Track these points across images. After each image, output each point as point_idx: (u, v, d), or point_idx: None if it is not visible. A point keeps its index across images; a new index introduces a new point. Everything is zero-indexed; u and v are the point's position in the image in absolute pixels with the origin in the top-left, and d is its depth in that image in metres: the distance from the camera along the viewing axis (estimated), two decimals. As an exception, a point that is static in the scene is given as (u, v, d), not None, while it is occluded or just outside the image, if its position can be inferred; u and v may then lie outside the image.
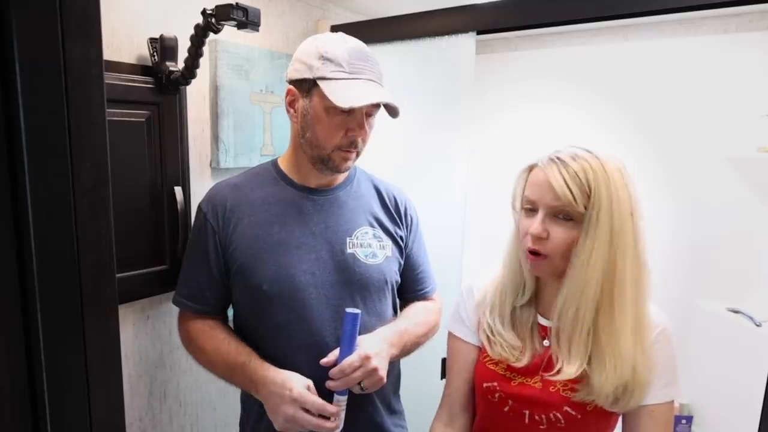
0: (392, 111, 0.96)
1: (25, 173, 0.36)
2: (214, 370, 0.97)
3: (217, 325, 1.00)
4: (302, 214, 0.98)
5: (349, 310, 0.87)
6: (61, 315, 0.39)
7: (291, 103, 0.98)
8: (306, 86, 0.94)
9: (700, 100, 1.95)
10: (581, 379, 0.78)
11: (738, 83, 1.88)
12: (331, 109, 0.91)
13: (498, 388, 0.86)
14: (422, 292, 1.13)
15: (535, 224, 0.78)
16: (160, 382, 1.30)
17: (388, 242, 1.03)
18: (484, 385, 0.88)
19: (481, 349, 0.91)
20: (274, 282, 0.93)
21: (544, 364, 0.83)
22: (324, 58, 0.91)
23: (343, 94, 0.88)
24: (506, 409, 0.86)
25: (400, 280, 1.08)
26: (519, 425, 0.85)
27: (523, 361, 0.83)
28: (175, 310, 1.34)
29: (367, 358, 0.86)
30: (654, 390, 0.78)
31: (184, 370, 1.36)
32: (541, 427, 0.82)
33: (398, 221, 1.07)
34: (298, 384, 0.86)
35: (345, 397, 0.88)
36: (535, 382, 0.83)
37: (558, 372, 0.79)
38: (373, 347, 0.89)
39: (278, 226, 0.96)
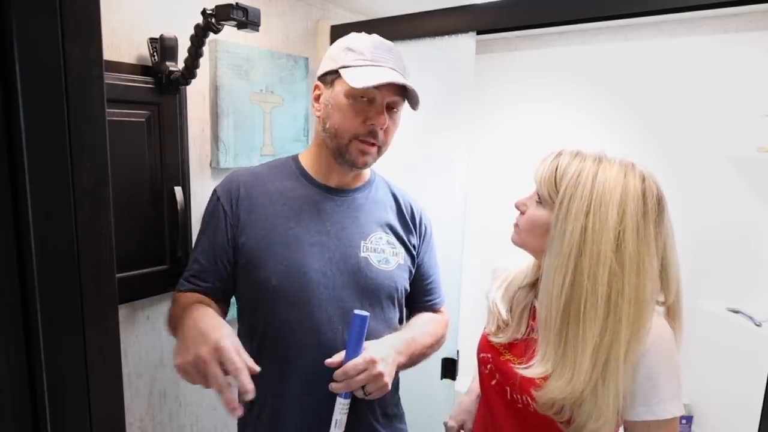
0: (413, 101, 0.95)
1: (25, 173, 0.36)
2: (175, 325, 0.88)
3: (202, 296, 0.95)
4: (320, 212, 0.97)
5: (357, 311, 0.85)
6: (61, 315, 0.39)
7: (316, 98, 0.99)
8: (330, 78, 0.95)
9: (700, 100, 1.95)
10: (544, 379, 0.79)
11: (738, 83, 1.88)
12: (351, 96, 0.91)
13: (490, 359, 0.90)
14: (431, 303, 1.12)
15: (521, 197, 0.87)
16: (160, 382, 1.30)
17: (401, 250, 1.02)
18: (481, 355, 0.93)
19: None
20: (284, 277, 0.91)
21: (531, 349, 0.85)
22: (348, 49, 0.93)
23: (360, 76, 0.89)
24: (493, 382, 0.89)
25: (409, 289, 1.07)
26: (502, 400, 0.87)
27: (501, 339, 0.89)
28: (175, 310, 1.33)
29: (372, 362, 0.84)
30: (642, 406, 0.75)
31: (184, 370, 1.36)
32: (518, 405, 0.84)
33: (412, 230, 1.06)
34: (229, 339, 0.74)
35: (348, 401, 0.87)
36: (519, 362, 0.86)
37: (529, 367, 0.81)
38: (380, 352, 0.87)
39: (293, 221, 0.95)
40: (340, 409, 0.86)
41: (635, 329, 0.74)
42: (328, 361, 0.87)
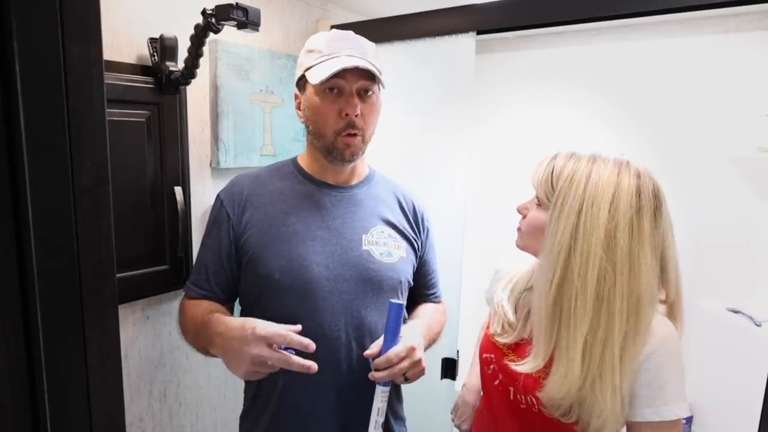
0: (378, 80, 0.95)
1: (25, 173, 0.36)
2: (192, 340, 0.94)
3: (210, 302, 0.98)
4: (319, 207, 0.99)
5: (392, 300, 0.87)
6: (61, 315, 0.39)
7: (298, 106, 1.02)
8: (301, 83, 0.98)
9: (700, 100, 1.95)
10: (546, 375, 0.79)
11: (738, 83, 1.87)
12: (320, 93, 0.94)
13: (494, 359, 0.90)
14: (433, 295, 1.14)
15: (523, 201, 0.88)
16: (160, 382, 1.30)
17: (403, 243, 1.04)
18: (484, 355, 0.93)
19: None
20: (286, 272, 0.93)
21: (532, 348, 0.85)
22: (308, 51, 0.96)
23: (318, 72, 0.91)
24: (496, 382, 0.89)
25: (412, 283, 1.08)
26: (505, 401, 0.87)
27: (507, 339, 0.89)
28: (176, 309, 1.34)
29: (412, 349, 0.87)
30: (647, 407, 0.75)
31: (184, 370, 1.36)
32: (522, 406, 0.84)
33: (415, 227, 1.08)
34: (260, 322, 0.80)
35: (388, 388, 0.88)
36: (523, 363, 0.86)
37: (523, 364, 0.82)
38: (415, 339, 0.90)
39: (294, 217, 0.97)
40: (381, 398, 0.88)
41: (632, 326, 0.74)
42: (367, 352, 0.89)
